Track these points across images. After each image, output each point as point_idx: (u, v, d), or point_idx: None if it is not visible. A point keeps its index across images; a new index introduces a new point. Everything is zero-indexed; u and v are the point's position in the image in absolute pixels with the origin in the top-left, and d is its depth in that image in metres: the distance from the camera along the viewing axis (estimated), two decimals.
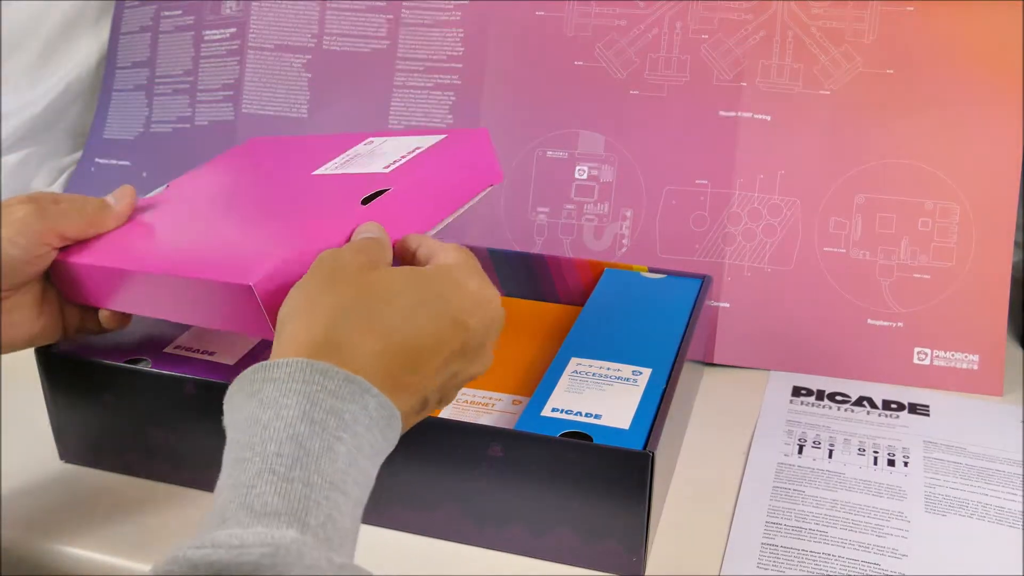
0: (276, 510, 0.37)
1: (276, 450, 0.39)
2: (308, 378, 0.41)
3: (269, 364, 0.42)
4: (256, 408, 0.41)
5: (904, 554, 0.60)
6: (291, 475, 0.38)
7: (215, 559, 0.35)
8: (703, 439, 0.72)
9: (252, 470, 0.39)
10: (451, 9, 0.91)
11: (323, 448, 0.39)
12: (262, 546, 0.36)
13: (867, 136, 0.81)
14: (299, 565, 0.36)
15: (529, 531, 0.60)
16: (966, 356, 0.79)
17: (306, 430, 0.39)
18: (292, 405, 0.40)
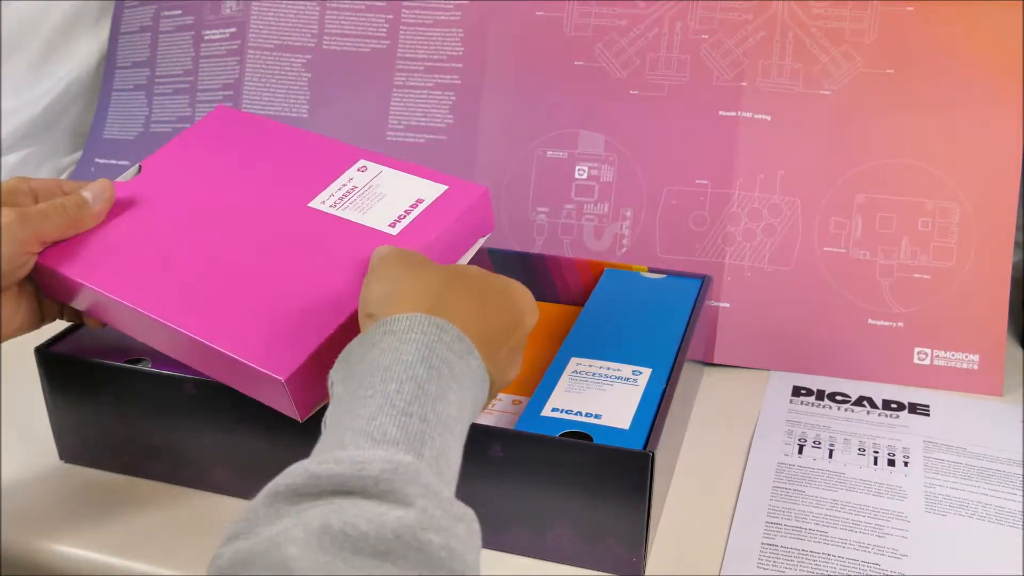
0: (394, 439, 0.40)
1: (396, 388, 0.42)
2: (427, 330, 0.45)
3: (389, 319, 0.46)
4: (377, 355, 0.44)
5: (904, 554, 0.60)
6: (409, 410, 0.42)
7: (337, 472, 0.38)
8: (703, 439, 0.72)
9: (373, 405, 0.42)
10: (451, 9, 0.91)
11: (439, 392, 0.43)
12: (383, 463, 0.38)
13: (867, 136, 0.81)
14: (416, 483, 0.38)
15: (529, 531, 0.60)
16: (966, 356, 0.79)
17: (424, 373, 0.43)
18: (411, 352, 0.44)
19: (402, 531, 0.36)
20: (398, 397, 0.42)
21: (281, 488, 0.38)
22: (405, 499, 0.38)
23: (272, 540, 0.36)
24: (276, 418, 0.63)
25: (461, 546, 0.38)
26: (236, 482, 0.65)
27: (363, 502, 0.37)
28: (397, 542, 0.36)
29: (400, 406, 0.42)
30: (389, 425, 0.41)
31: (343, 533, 0.36)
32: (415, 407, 0.42)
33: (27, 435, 0.71)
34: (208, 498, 0.66)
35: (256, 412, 0.63)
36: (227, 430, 0.64)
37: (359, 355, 0.45)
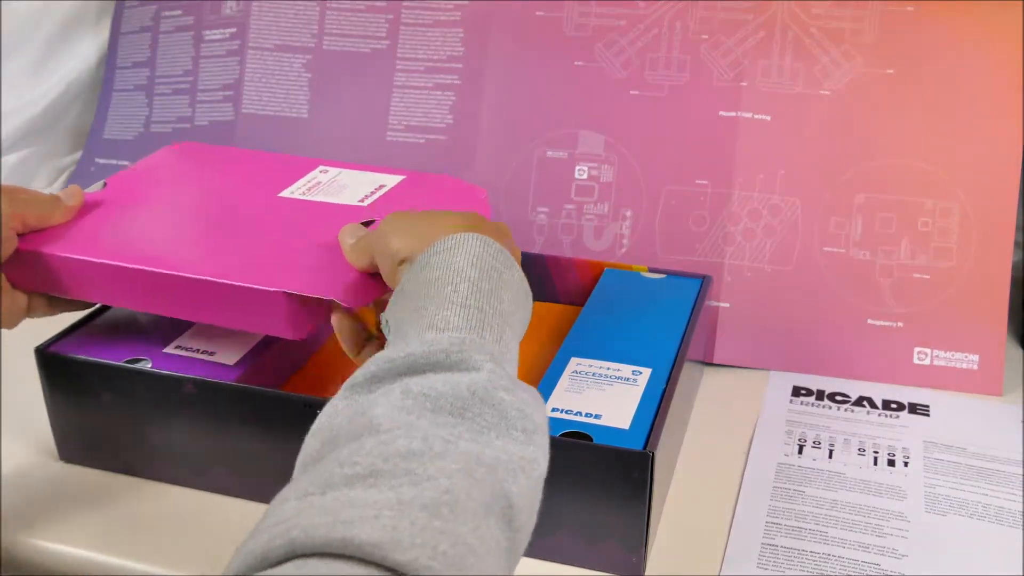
0: (456, 325, 0.43)
1: (452, 289, 0.45)
2: (471, 243, 0.47)
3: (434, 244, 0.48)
4: (428, 273, 0.47)
5: (904, 554, 0.60)
6: (467, 303, 0.45)
7: (409, 352, 0.42)
8: (703, 439, 0.72)
9: (432, 309, 0.45)
10: (451, 9, 0.91)
11: (491, 289, 0.46)
12: (449, 340, 0.42)
13: (867, 136, 0.81)
14: (482, 351, 0.42)
15: None
16: (966, 356, 0.79)
17: (476, 275, 0.46)
18: (461, 261, 0.47)
19: (476, 388, 0.40)
20: (455, 295, 0.45)
21: (358, 379, 0.42)
22: (474, 365, 0.41)
23: (357, 411, 0.39)
24: (276, 418, 0.63)
25: (530, 408, 0.41)
26: (236, 482, 0.66)
27: (435, 373, 0.41)
28: (473, 399, 0.40)
29: (457, 301, 0.44)
30: (451, 316, 0.44)
31: (422, 395, 0.39)
32: (472, 300, 0.45)
33: (27, 435, 0.71)
34: (208, 498, 0.66)
35: (256, 412, 0.63)
36: (227, 430, 0.64)
37: (412, 282, 0.47)
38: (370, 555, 0.33)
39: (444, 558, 0.33)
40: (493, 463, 0.38)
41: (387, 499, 0.35)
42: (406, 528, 0.34)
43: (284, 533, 0.34)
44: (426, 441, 0.37)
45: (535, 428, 0.41)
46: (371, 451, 0.37)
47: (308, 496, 0.36)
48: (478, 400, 0.39)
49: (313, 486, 0.36)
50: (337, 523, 0.34)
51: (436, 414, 0.39)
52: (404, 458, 0.36)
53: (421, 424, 0.38)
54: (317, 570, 0.32)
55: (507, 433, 0.39)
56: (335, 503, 0.35)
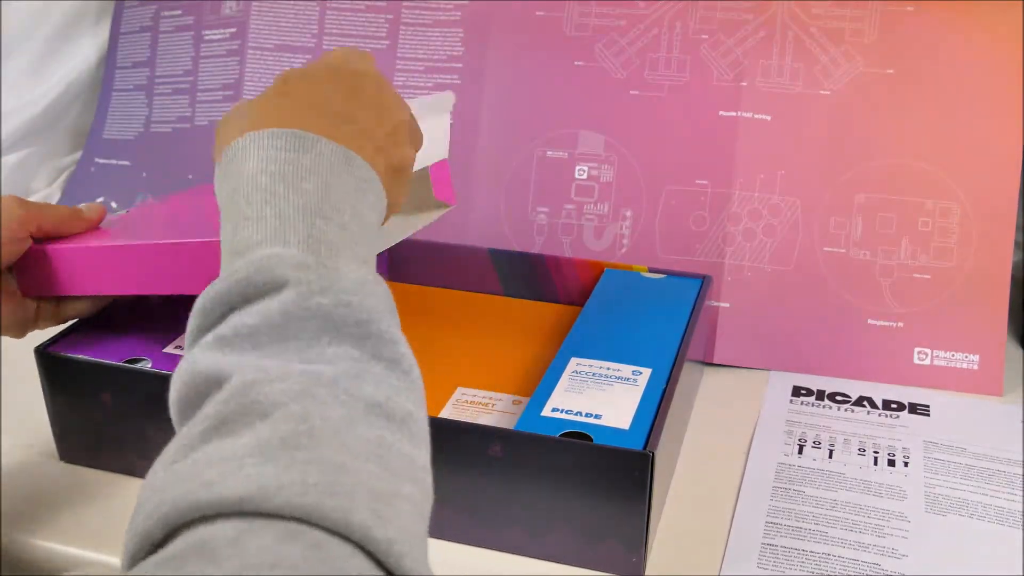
0: (256, 241, 0.41)
1: (245, 200, 0.42)
2: (259, 143, 0.44)
3: (227, 148, 0.45)
4: (220, 183, 0.45)
5: (904, 554, 0.60)
6: (263, 214, 0.42)
7: (214, 294, 0.40)
8: (703, 439, 0.72)
9: (229, 226, 0.42)
10: (451, 9, 0.91)
11: (288, 188, 0.42)
12: (246, 264, 0.40)
13: (867, 136, 0.81)
14: (282, 265, 0.39)
15: (529, 531, 0.60)
16: (966, 356, 0.79)
17: (266, 180, 0.43)
18: (252, 166, 0.43)
19: (286, 307, 0.38)
20: (249, 210, 0.42)
21: (190, 330, 0.40)
22: (276, 282, 0.39)
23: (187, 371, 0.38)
24: None
25: (354, 298, 0.39)
26: None
27: (246, 305, 0.39)
28: (288, 319, 0.38)
29: (253, 216, 0.42)
30: (248, 233, 0.41)
31: (236, 336, 0.38)
32: (267, 209, 0.42)
33: (27, 435, 0.71)
34: None
35: None
36: None
37: (218, 188, 0.46)
38: (244, 510, 0.32)
39: (315, 489, 0.33)
40: (333, 376, 0.37)
41: (245, 444, 0.34)
42: (270, 473, 0.33)
43: (155, 511, 0.33)
44: (258, 369, 0.36)
45: (368, 316, 0.39)
46: (217, 400, 0.36)
47: (173, 464, 0.35)
48: (295, 319, 0.38)
49: (178, 452, 0.35)
50: (201, 487, 0.33)
51: (256, 348, 0.37)
52: (242, 392, 0.35)
53: (249, 360, 0.37)
54: (202, 537, 0.31)
55: (342, 338, 0.38)
56: (196, 465, 0.34)
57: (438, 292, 0.84)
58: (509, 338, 0.76)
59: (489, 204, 0.87)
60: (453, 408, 0.67)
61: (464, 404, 0.67)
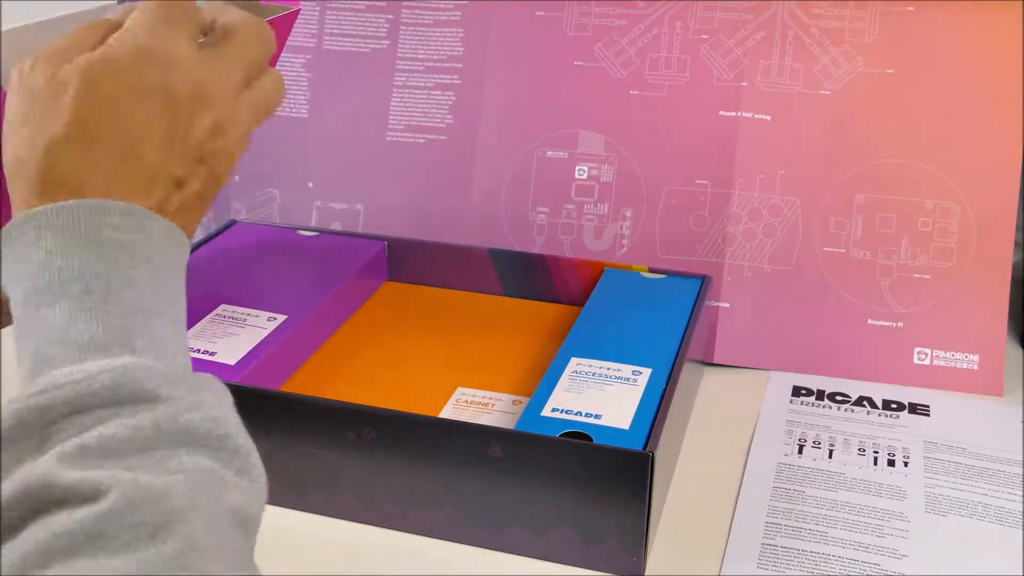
0: (103, 342, 0.38)
1: (83, 288, 0.38)
2: (89, 218, 0.39)
3: (44, 210, 0.39)
4: (43, 256, 0.39)
5: (904, 554, 0.60)
6: (106, 308, 0.38)
7: (64, 396, 0.36)
8: (703, 439, 0.72)
9: (64, 311, 0.38)
10: (451, 9, 0.91)
11: (125, 281, 0.39)
12: (109, 371, 0.36)
13: (867, 136, 0.81)
14: (151, 377, 0.37)
15: (529, 531, 0.60)
16: (966, 356, 0.79)
17: (104, 268, 0.39)
18: (81, 248, 0.39)
19: (160, 423, 0.36)
20: (88, 299, 0.38)
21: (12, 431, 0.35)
22: (148, 396, 0.36)
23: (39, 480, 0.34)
24: (276, 418, 0.63)
25: (219, 411, 0.38)
26: None
27: (106, 412, 0.36)
28: (159, 433, 0.36)
29: (95, 307, 0.38)
30: (93, 329, 0.38)
31: (101, 448, 0.35)
32: (111, 304, 0.38)
33: None
34: None
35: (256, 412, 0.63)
36: None
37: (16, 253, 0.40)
38: None
39: None
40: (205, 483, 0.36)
41: (125, 564, 0.32)
42: None
43: None
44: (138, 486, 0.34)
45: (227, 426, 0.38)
46: (87, 513, 0.33)
47: None
48: (165, 433, 0.36)
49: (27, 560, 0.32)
50: None
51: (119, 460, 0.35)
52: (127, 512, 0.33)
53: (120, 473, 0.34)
54: None
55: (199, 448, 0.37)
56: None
57: (438, 292, 0.84)
58: (509, 338, 0.76)
59: (489, 204, 0.87)
60: (453, 408, 0.67)
61: (464, 404, 0.67)
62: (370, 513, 0.63)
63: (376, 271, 0.84)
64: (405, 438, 0.60)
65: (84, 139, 0.41)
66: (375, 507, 0.63)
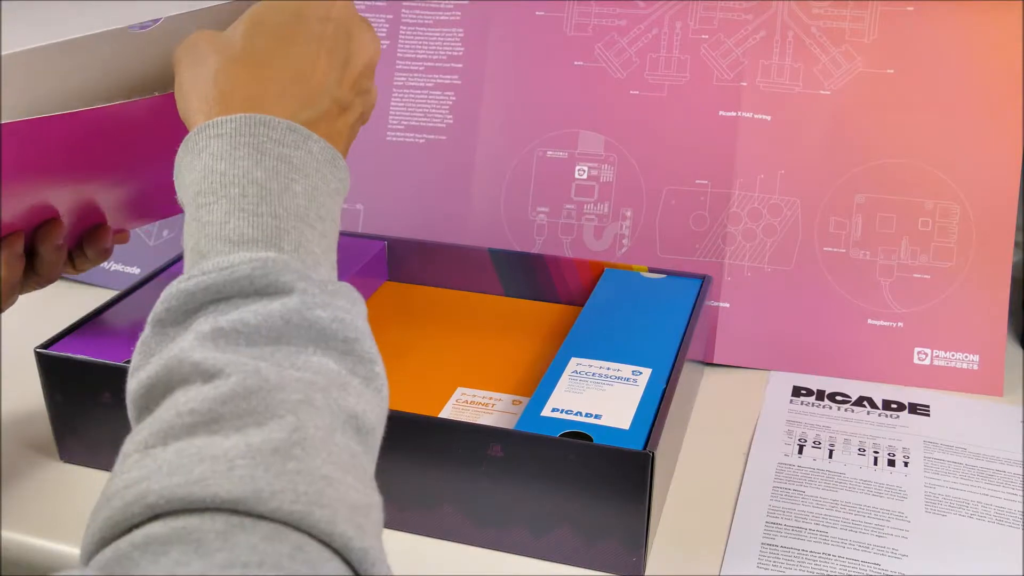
0: (253, 238, 0.41)
1: (240, 192, 0.42)
2: (254, 131, 0.44)
3: (214, 122, 0.44)
4: (209, 160, 0.43)
5: (904, 554, 0.60)
6: (259, 210, 0.42)
7: (209, 283, 0.39)
8: (703, 439, 0.72)
9: (221, 210, 0.42)
10: (451, 9, 0.91)
11: (281, 187, 0.43)
12: (250, 262, 0.40)
13: (867, 136, 0.81)
14: (288, 271, 0.40)
15: (529, 531, 0.60)
16: (966, 356, 0.79)
17: (262, 175, 0.42)
18: (244, 156, 0.43)
19: (289, 315, 0.39)
20: (244, 201, 0.42)
21: (161, 314, 0.40)
22: (283, 288, 0.39)
23: (175, 357, 0.38)
24: None
25: (348, 316, 0.41)
26: None
27: (243, 301, 0.39)
28: (288, 326, 0.38)
29: (249, 208, 0.42)
30: (244, 227, 0.41)
31: (234, 331, 0.38)
32: (263, 207, 0.42)
33: (27, 435, 0.71)
34: None
35: None
36: None
37: (190, 161, 0.44)
38: (234, 508, 0.33)
39: (305, 498, 0.34)
40: (326, 385, 0.38)
41: (235, 445, 0.35)
42: (262, 477, 0.34)
43: (140, 498, 0.33)
44: (259, 375, 0.37)
45: (356, 332, 0.40)
46: (207, 395, 0.36)
47: (150, 449, 0.35)
48: (294, 326, 0.39)
49: (153, 437, 0.36)
50: (193, 482, 0.33)
51: (252, 346, 0.38)
52: (243, 398, 0.36)
53: (245, 360, 0.37)
54: (188, 526, 0.32)
55: (327, 350, 0.39)
56: (181, 456, 0.34)
57: (438, 292, 0.84)
58: (509, 338, 0.76)
59: (489, 204, 0.87)
60: (453, 408, 0.67)
61: (464, 404, 0.67)
62: None
63: (376, 271, 0.84)
64: (405, 438, 0.60)
65: (254, 62, 0.47)
66: None
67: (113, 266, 0.95)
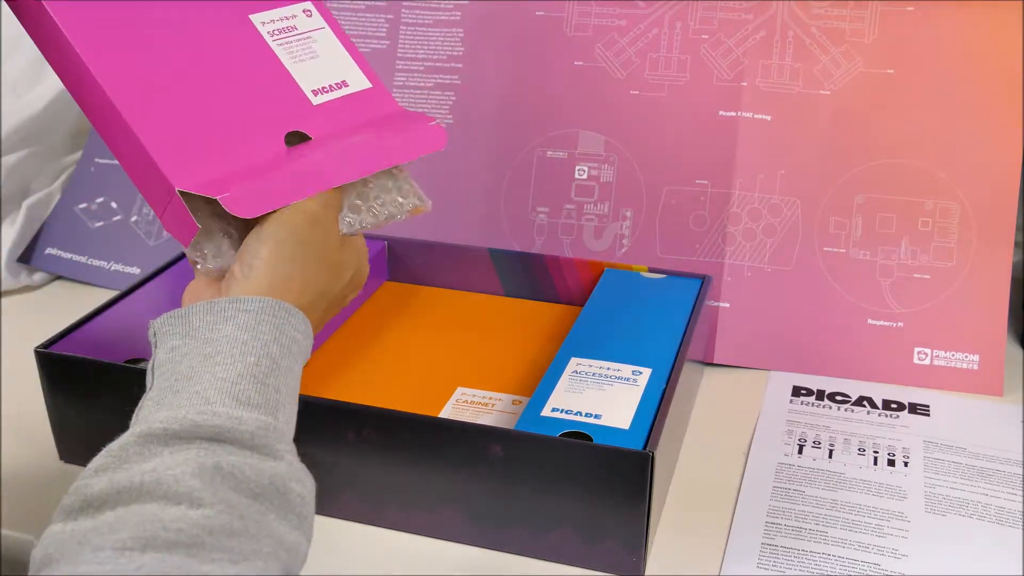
0: (257, 403, 0.46)
1: (255, 360, 0.48)
2: (277, 313, 0.50)
3: (242, 299, 0.50)
4: (234, 330, 0.49)
5: (904, 554, 0.60)
6: (267, 381, 0.48)
7: (216, 424, 0.44)
8: (703, 439, 0.72)
9: (234, 371, 0.47)
10: (451, 9, 0.91)
11: (288, 366, 0.49)
12: (256, 422, 0.45)
13: (867, 136, 0.81)
14: (282, 442, 0.46)
15: (529, 531, 0.60)
16: (966, 356, 0.79)
17: (277, 351, 0.49)
18: (266, 331, 0.49)
19: (275, 479, 0.44)
20: (257, 369, 0.47)
21: (157, 431, 0.44)
22: (275, 453, 0.45)
23: (169, 474, 0.42)
24: None
25: (309, 495, 0.46)
26: None
27: (239, 451, 0.44)
28: (269, 487, 0.43)
29: (260, 377, 0.47)
30: (252, 392, 0.47)
31: (231, 475, 0.43)
32: (271, 379, 0.48)
33: (27, 435, 0.71)
34: None
35: None
36: None
37: (206, 323, 0.50)
38: None
39: None
40: (287, 547, 0.43)
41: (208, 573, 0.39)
42: None
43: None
44: (243, 520, 0.41)
45: (310, 511, 0.46)
46: (196, 521, 0.40)
47: (127, 551, 0.38)
48: (273, 489, 0.43)
49: (132, 540, 0.39)
50: None
51: (236, 492, 0.42)
52: (227, 535, 0.40)
53: (234, 503, 0.42)
54: None
55: (285, 519, 0.44)
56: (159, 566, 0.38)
57: (438, 292, 0.84)
58: (509, 338, 0.76)
59: (489, 204, 0.87)
60: (453, 408, 0.67)
61: (464, 404, 0.67)
62: (370, 513, 0.63)
63: (376, 271, 0.84)
64: (405, 438, 0.60)
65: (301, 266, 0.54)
66: (375, 507, 0.63)
67: (113, 266, 0.95)
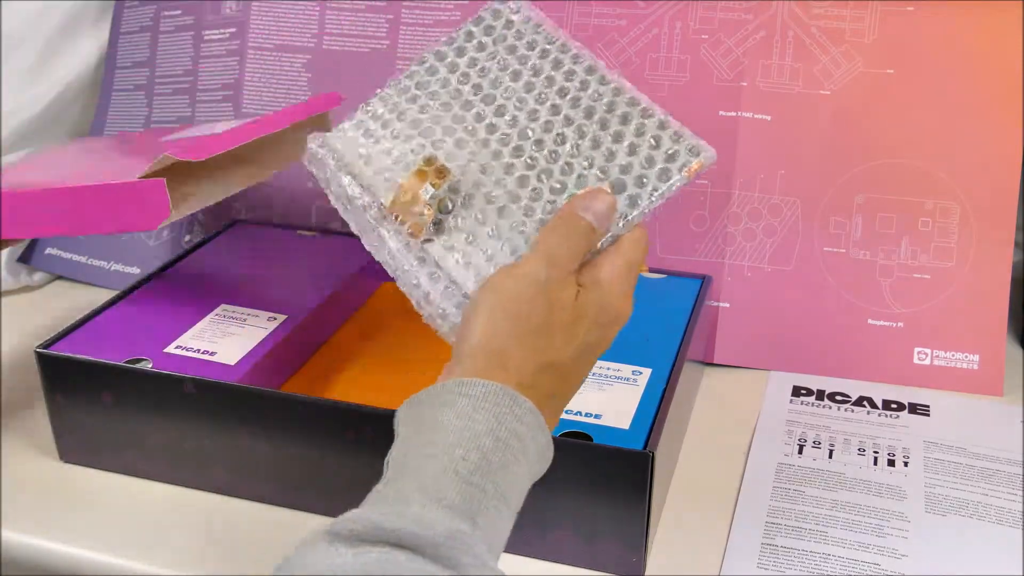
0: (454, 504, 0.42)
1: (462, 455, 0.43)
2: (499, 400, 0.45)
3: (467, 381, 0.46)
4: (449, 416, 0.45)
5: (904, 554, 0.60)
6: (471, 479, 0.43)
7: (400, 527, 0.40)
8: (703, 439, 0.72)
9: (437, 466, 0.43)
10: (451, 9, 0.91)
11: (501, 463, 0.44)
12: (445, 530, 0.41)
13: (867, 136, 0.81)
14: (469, 554, 0.41)
15: (529, 531, 0.60)
16: (966, 356, 0.79)
17: (490, 444, 0.44)
18: (482, 420, 0.45)
19: None
20: (463, 464, 0.43)
21: (344, 532, 0.41)
22: (458, 566, 0.40)
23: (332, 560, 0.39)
24: (276, 418, 0.63)
25: None
26: (236, 482, 0.65)
27: (420, 559, 0.40)
28: None
29: (463, 474, 0.43)
30: (451, 491, 0.42)
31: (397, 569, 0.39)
32: (476, 476, 0.43)
33: (27, 435, 0.71)
34: (208, 498, 0.66)
35: (256, 412, 0.63)
36: (227, 430, 0.64)
37: (431, 408, 0.46)
38: None
39: None
40: None
41: None
42: None
43: None
44: None
45: None
46: None
47: None
48: None
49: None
50: None
51: None
52: None
53: None
54: None
55: None
56: None
57: None
58: None
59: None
60: None
61: None
62: None
63: (376, 271, 0.83)
64: None
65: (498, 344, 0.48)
66: None
67: (113, 266, 0.95)
